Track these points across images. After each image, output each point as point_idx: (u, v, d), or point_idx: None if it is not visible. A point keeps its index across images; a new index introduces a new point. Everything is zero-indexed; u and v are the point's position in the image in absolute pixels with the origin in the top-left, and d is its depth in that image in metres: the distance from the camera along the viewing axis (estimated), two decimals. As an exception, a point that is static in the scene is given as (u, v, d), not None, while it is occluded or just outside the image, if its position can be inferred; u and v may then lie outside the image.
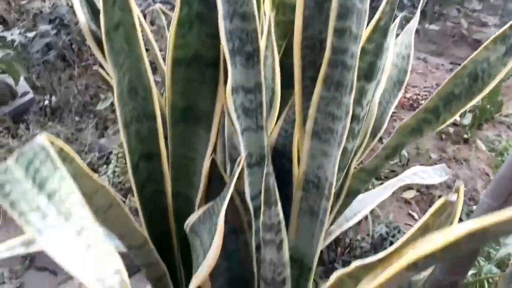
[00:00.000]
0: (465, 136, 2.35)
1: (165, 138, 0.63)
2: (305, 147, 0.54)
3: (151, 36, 0.69)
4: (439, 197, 1.97)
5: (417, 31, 0.94)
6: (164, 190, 0.66)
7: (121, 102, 0.55)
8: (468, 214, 1.80)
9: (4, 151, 1.36)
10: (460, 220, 1.62)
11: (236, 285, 0.66)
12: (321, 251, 0.99)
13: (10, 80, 1.60)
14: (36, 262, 1.50)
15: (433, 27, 3.32)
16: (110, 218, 0.51)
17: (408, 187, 2.03)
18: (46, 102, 1.61)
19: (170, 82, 0.55)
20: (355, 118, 0.56)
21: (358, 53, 0.49)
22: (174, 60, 0.53)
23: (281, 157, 0.65)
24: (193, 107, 0.57)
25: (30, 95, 1.59)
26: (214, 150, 0.63)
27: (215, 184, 0.65)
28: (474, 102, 0.61)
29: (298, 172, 0.57)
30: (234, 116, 0.49)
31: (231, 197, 0.64)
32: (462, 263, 1.11)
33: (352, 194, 0.75)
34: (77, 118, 1.69)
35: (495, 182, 0.96)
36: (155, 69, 0.87)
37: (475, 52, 0.59)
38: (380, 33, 0.55)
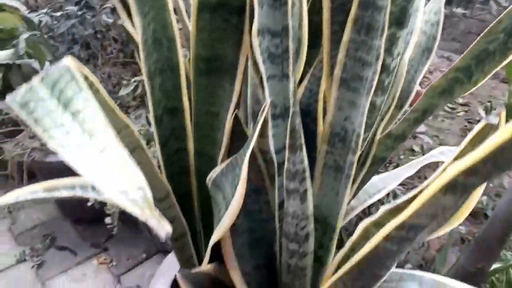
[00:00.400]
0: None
1: (189, 93, 0.62)
2: (332, 97, 0.52)
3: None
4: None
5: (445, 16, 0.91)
6: (186, 148, 0.65)
7: (146, 50, 0.55)
8: (493, 209, 1.74)
9: (30, 130, 1.38)
10: (485, 216, 1.55)
11: (258, 245, 0.65)
12: (340, 232, 0.96)
13: (36, 65, 1.64)
14: (57, 241, 1.52)
15: (460, 10, 3.24)
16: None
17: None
18: (70, 87, 1.63)
19: (194, 30, 0.54)
20: (385, 69, 0.54)
21: (390, -6, 0.47)
22: (199, 6, 0.52)
23: (306, 117, 0.64)
24: (217, 58, 0.56)
25: (55, 80, 1.61)
26: (237, 106, 0.62)
27: (238, 143, 0.64)
28: (509, 59, 0.58)
29: (323, 125, 0.56)
30: (259, 59, 0.48)
31: (254, 155, 0.63)
32: (489, 249, 1.07)
33: (377, 162, 0.73)
34: (99, 104, 1.71)
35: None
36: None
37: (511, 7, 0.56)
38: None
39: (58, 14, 1.33)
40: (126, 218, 1.34)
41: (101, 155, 0.34)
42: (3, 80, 1.58)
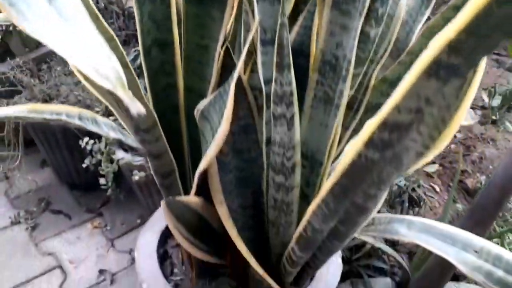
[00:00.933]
0: (493, 117, 2.26)
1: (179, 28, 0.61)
2: (324, 21, 0.51)
3: None
4: (462, 172, 1.90)
5: None
6: (176, 85, 0.64)
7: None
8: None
9: (29, 91, 1.38)
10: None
11: (245, 184, 0.64)
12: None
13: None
14: (52, 205, 1.52)
15: None
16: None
17: (432, 161, 1.97)
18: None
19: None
20: (379, -5, 0.53)
21: None
22: None
23: (298, 55, 0.62)
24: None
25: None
26: (229, 41, 0.61)
27: (228, 78, 0.63)
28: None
29: (315, 52, 0.54)
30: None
31: (244, 92, 0.62)
32: (485, 214, 1.06)
33: (371, 110, 0.72)
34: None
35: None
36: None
37: None
38: None
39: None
40: (120, 182, 1.34)
41: (76, 37, 0.33)
42: (2, 44, 1.57)
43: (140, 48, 0.59)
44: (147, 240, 0.84)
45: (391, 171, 0.48)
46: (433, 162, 1.97)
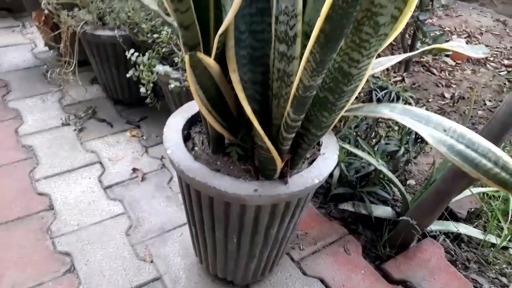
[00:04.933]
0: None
1: None
2: None
3: None
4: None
5: None
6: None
7: None
8: None
9: (86, 8, 1.54)
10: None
11: (257, 61, 0.76)
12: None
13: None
14: (97, 115, 1.71)
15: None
16: None
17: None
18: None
19: None
20: None
21: None
22: None
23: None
24: None
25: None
26: None
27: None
28: None
29: None
30: None
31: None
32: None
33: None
34: None
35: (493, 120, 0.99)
36: None
37: None
38: None
39: None
40: (158, 93, 1.50)
41: None
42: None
43: None
44: (175, 121, 0.99)
45: (370, 31, 0.58)
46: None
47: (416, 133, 1.33)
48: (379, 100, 1.25)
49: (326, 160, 0.92)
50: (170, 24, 0.85)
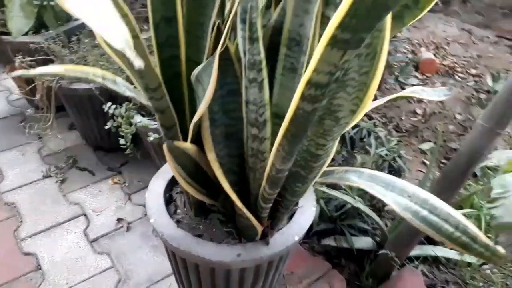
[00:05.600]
0: (495, 101, 2.33)
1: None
2: (291, 4, 0.65)
3: None
4: (455, 149, 2.01)
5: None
6: (179, 55, 0.80)
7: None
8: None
9: (60, 61, 1.56)
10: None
11: (231, 137, 0.80)
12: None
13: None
14: (78, 163, 1.72)
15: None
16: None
17: (426, 140, 2.09)
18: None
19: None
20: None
21: None
22: None
23: (279, 35, 0.77)
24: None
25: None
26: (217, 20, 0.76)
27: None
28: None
29: (284, 30, 0.69)
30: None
31: (232, 62, 0.77)
32: (453, 180, 1.19)
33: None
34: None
35: (492, 106, 1.03)
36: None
37: None
38: None
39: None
40: (137, 143, 1.52)
41: (100, 12, 0.49)
42: (37, 18, 1.75)
43: (150, 24, 0.75)
44: (156, 185, 1.02)
45: (331, 124, 0.63)
46: (428, 141, 2.09)
47: (391, 166, 1.39)
48: (352, 139, 1.30)
49: (305, 214, 0.96)
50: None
